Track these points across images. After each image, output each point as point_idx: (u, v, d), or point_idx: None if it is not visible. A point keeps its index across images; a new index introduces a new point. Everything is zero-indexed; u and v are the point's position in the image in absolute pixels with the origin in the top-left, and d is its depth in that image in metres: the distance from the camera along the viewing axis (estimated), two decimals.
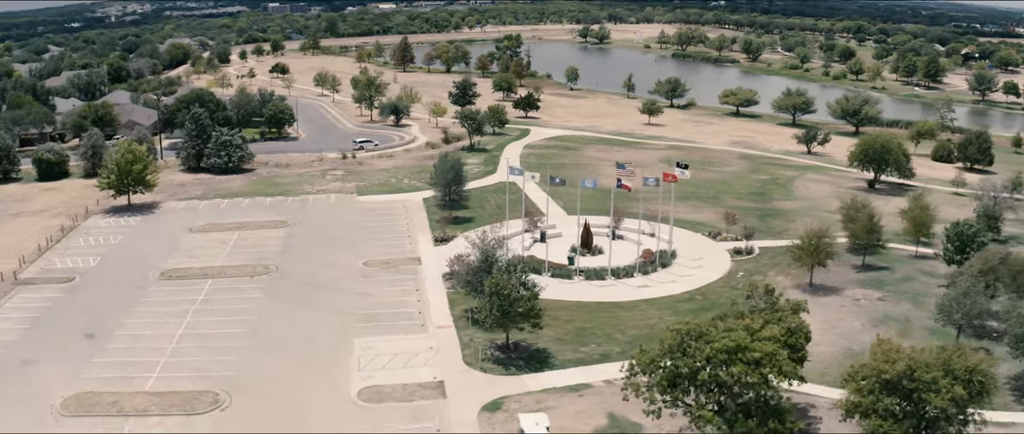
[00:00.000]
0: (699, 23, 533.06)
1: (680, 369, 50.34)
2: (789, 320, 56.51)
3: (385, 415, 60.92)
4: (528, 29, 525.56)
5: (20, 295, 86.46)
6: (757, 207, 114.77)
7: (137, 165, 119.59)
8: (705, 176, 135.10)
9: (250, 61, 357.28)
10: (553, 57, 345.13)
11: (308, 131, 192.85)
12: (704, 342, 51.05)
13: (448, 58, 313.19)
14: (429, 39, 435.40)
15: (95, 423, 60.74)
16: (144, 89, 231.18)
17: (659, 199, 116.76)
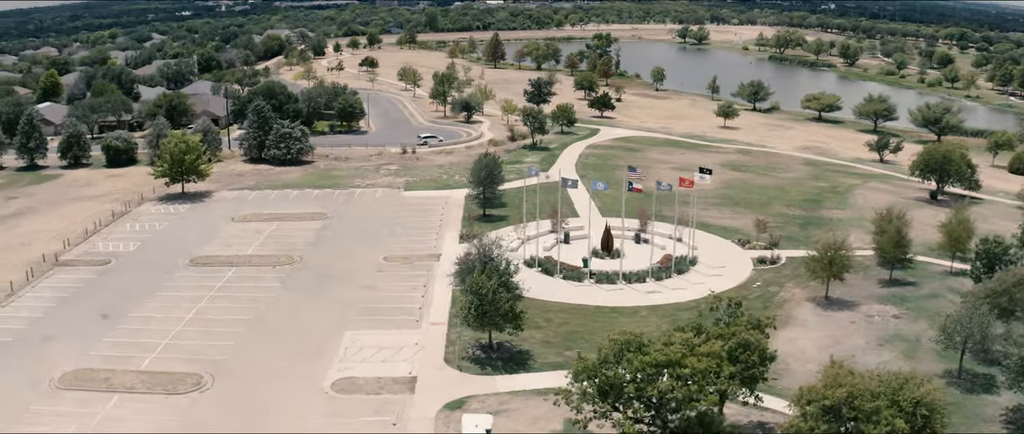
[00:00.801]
0: (802, 26, 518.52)
1: (612, 380, 50.76)
2: (745, 336, 55.73)
3: (350, 406, 63.82)
4: (629, 28, 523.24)
5: (57, 275, 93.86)
6: (804, 215, 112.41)
7: (190, 155, 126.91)
8: (762, 181, 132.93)
9: (344, 54, 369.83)
10: (647, 57, 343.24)
11: (380, 125, 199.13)
12: (638, 354, 51.39)
13: (538, 55, 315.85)
14: (527, 36, 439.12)
15: (83, 397, 65.99)
16: (228, 80, 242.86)
17: (697, 203, 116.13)
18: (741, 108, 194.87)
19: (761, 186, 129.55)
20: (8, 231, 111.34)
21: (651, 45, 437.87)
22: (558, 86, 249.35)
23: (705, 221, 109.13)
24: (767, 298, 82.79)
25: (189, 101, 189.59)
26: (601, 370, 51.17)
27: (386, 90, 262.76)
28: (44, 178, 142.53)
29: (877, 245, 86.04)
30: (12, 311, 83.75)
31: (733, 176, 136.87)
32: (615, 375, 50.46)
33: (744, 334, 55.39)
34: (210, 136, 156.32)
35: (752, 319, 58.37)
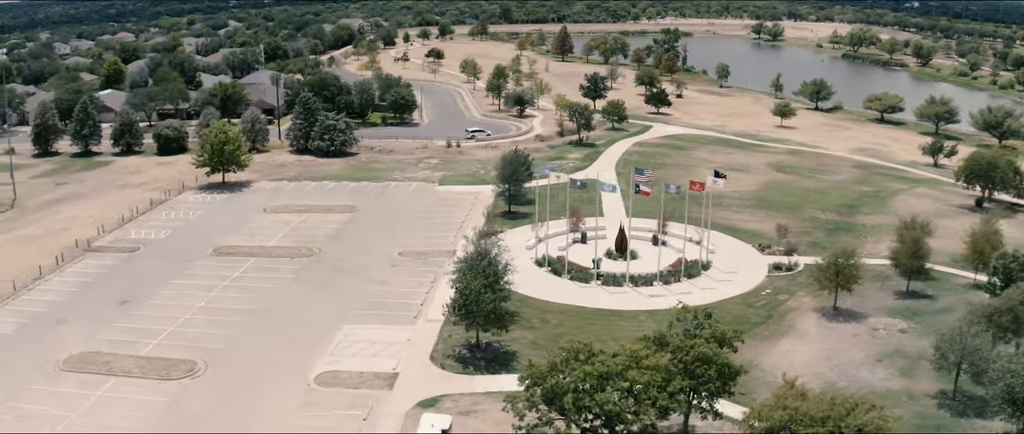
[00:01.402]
0: (879, 24, 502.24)
1: (556, 388, 51.45)
2: (704, 350, 55.51)
3: (327, 399, 66.26)
4: (704, 23, 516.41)
5: (85, 261, 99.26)
6: (837, 221, 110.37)
7: (229, 146, 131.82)
8: (804, 184, 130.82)
9: (414, 44, 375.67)
10: (718, 52, 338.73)
11: (433, 117, 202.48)
12: (582, 364, 51.99)
13: (606, 49, 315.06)
14: (601, 29, 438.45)
15: (82, 379, 70.21)
16: (291, 70, 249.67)
17: (729, 204, 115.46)
18: (802, 107, 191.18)
19: (802, 188, 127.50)
20: (50, 216, 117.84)
21: (725, 41, 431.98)
22: (621, 80, 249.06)
23: (732, 224, 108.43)
24: (773, 306, 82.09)
25: (245, 91, 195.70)
26: (548, 377, 51.94)
27: (448, 82, 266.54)
28: (95, 164, 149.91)
29: (893, 254, 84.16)
30: (37, 294, 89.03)
31: (775, 178, 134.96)
32: (558, 384, 51.18)
33: (702, 348, 55.16)
34: (257, 126, 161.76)
35: (716, 332, 58.07)
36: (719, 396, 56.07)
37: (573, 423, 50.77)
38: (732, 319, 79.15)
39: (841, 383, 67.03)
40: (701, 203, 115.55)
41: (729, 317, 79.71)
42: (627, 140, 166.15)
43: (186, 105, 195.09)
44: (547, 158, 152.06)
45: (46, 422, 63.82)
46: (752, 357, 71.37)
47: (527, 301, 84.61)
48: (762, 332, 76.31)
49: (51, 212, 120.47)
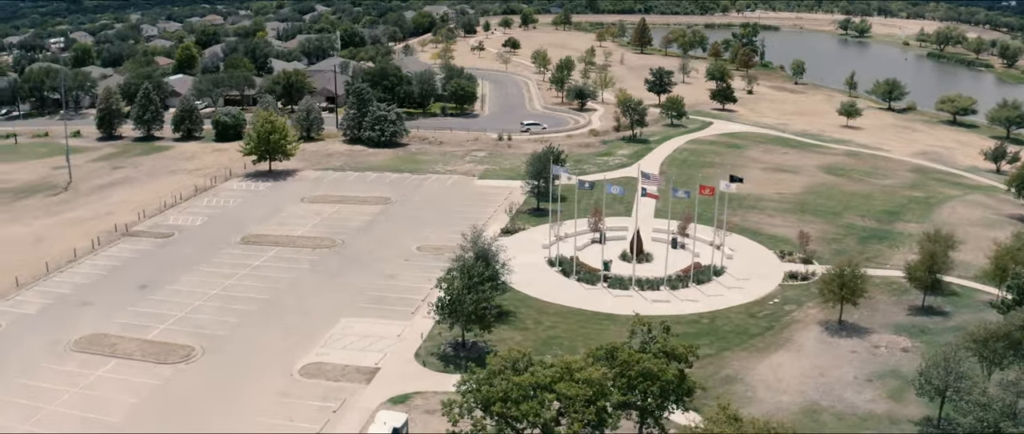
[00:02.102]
0: (969, 22, 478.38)
1: (488, 396, 52.48)
2: (648, 365, 55.40)
3: (304, 390, 69.02)
4: (792, 16, 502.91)
5: (119, 245, 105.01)
6: (875, 228, 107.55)
7: (274, 135, 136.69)
8: (851, 187, 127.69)
9: (495, 33, 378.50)
10: (801, 47, 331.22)
11: (495, 109, 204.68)
12: (520, 373, 52.85)
13: (684, 42, 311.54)
14: (686, 21, 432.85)
15: (86, 359, 74.98)
16: (363, 57, 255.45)
17: (766, 208, 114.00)
18: (875, 107, 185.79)
19: (847, 192, 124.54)
20: (99, 200, 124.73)
21: (811, 35, 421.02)
22: (694, 74, 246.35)
23: (762, 228, 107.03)
24: (776, 317, 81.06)
25: (309, 78, 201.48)
26: (483, 384, 53.05)
27: (519, 73, 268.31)
28: (154, 149, 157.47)
29: (908, 267, 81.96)
30: (67, 276, 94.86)
31: (824, 180, 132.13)
32: (490, 392, 52.21)
33: (647, 363, 55.13)
34: (312, 115, 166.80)
35: (666, 347, 57.88)
36: (660, 412, 55.85)
37: (503, 432, 51.74)
38: (731, 328, 78.87)
39: (823, 402, 66.16)
40: (732, 206, 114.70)
41: (728, 326, 79.38)
42: (682, 137, 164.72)
43: (252, 92, 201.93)
44: (594, 154, 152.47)
45: (45, 396, 68.48)
46: (738, 370, 70.99)
47: (528, 301, 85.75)
48: (756, 344, 75.54)
49: (101, 196, 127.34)
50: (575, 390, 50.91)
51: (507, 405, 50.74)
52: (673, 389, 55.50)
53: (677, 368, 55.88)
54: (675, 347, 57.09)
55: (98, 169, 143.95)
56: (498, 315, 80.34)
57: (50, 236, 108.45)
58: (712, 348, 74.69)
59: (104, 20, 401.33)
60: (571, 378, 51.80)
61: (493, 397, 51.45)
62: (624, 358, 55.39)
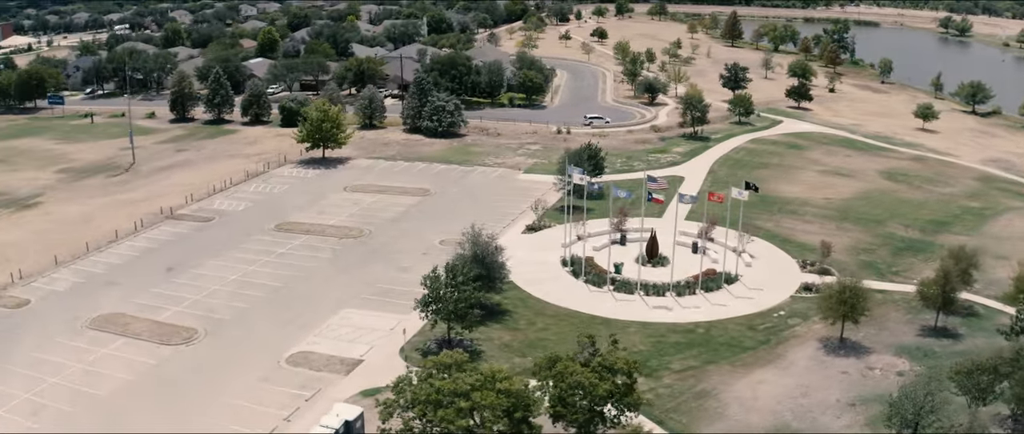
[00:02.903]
0: None
1: (415, 398, 53.56)
2: (579, 378, 55.20)
3: (284, 378, 71.68)
4: (894, 13, 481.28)
5: (160, 228, 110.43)
6: (916, 239, 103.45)
7: (327, 123, 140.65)
8: (907, 195, 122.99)
9: (587, 22, 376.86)
10: (898, 45, 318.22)
11: (565, 100, 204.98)
12: (442, 379, 53.70)
13: (775, 36, 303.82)
14: (786, 14, 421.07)
15: (97, 337, 79.78)
16: (443, 45, 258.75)
17: (804, 214, 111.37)
18: (958, 109, 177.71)
19: (899, 200, 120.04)
20: (155, 183, 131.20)
21: (910, 33, 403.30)
22: (778, 70, 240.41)
23: (793, 235, 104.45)
24: (776, 330, 79.31)
25: (381, 65, 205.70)
26: (412, 386, 54.17)
27: (600, 64, 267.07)
28: (221, 133, 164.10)
29: (920, 284, 78.90)
30: (103, 257, 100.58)
31: (879, 186, 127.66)
32: (414, 394, 53.27)
33: (578, 376, 55.06)
34: (374, 103, 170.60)
35: (606, 361, 57.48)
36: (592, 426, 55.70)
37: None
38: (725, 340, 77.64)
39: (795, 424, 64.64)
40: (771, 209, 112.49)
41: (723, 338, 78.16)
42: (745, 136, 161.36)
43: (326, 77, 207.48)
44: (648, 151, 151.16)
45: (51, 369, 73.37)
46: (716, 384, 70.01)
47: (528, 301, 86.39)
48: (746, 358, 74.19)
49: (159, 178, 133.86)
50: (491, 399, 51.38)
51: (426, 409, 51.76)
52: (615, 402, 55.28)
53: (612, 383, 55.51)
54: (615, 362, 56.73)
55: (162, 151, 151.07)
56: (495, 314, 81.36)
57: (100, 216, 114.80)
58: (698, 360, 73.83)
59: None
60: (492, 387, 52.26)
61: (417, 400, 52.53)
62: (560, 369, 55.52)
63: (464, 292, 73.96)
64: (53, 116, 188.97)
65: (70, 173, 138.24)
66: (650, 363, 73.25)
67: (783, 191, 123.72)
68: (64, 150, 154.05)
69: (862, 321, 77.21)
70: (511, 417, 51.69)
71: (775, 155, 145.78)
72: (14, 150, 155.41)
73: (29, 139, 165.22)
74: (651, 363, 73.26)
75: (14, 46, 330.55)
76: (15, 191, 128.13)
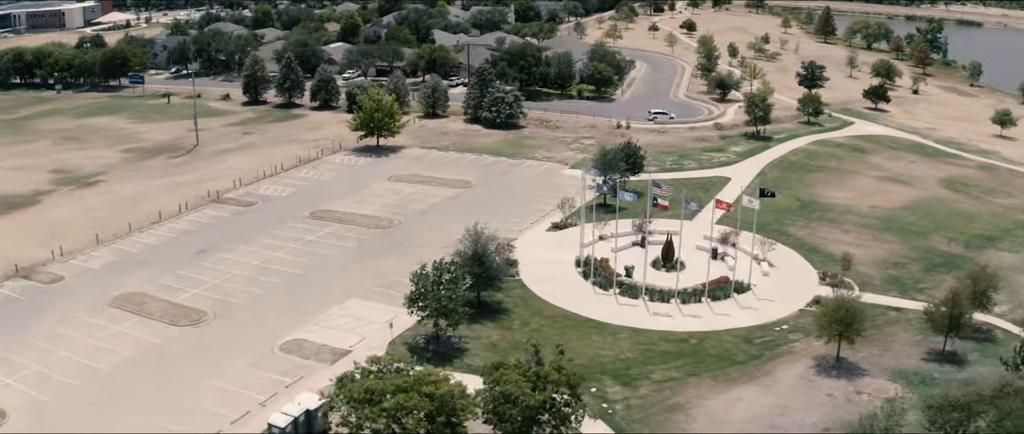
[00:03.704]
0: None
1: (349, 396, 54.63)
2: (510, 388, 54.90)
3: (272, 363, 73.91)
4: (998, 13, 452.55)
5: (203, 211, 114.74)
6: (956, 254, 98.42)
7: (378, 113, 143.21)
8: (962, 206, 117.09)
9: (681, 13, 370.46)
10: (996, 46, 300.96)
11: (637, 94, 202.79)
12: (368, 377, 54.62)
13: (867, 34, 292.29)
14: (887, 11, 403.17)
15: (115, 315, 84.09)
16: (525, 33, 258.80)
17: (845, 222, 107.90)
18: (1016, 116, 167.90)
19: (952, 211, 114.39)
20: (214, 165, 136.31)
21: (1014, 34, 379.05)
22: (864, 68, 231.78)
23: (824, 245, 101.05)
24: (773, 345, 77.11)
25: (452, 54, 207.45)
26: (353, 382, 55.27)
27: (683, 57, 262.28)
28: (289, 116, 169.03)
29: (927, 307, 75.39)
30: (143, 237, 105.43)
31: (935, 194, 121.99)
32: (350, 392, 54.35)
33: (508, 386, 54.96)
34: (437, 92, 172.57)
35: (541, 372, 57.02)
36: None
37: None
38: (717, 352, 76.05)
39: None
40: (810, 216, 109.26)
41: (715, 350, 76.54)
42: (810, 137, 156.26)
43: (400, 64, 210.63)
44: (704, 149, 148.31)
45: (65, 343, 77.86)
46: (690, 399, 68.74)
47: (529, 300, 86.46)
48: (731, 372, 72.49)
49: (217, 161, 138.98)
50: (414, 401, 52.00)
51: (356, 406, 52.85)
52: (552, 412, 55.08)
53: (545, 394, 55.19)
54: (549, 372, 56.39)
55: (227, 134, 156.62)
56: (492, 311, 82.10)
57: (152, 197, 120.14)
58: (681, 371, 72.59)
59: None
60: (416, 389, 52.86)
61: (352, 396, 53.66)
62: (496, 376, 55.65)
63: (449, 290, 74.52)
64: (133, 95, 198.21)
65: (136, 153, 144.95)
66: (631, 371, 72.53)
67: (829, 197, 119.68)
68: (135, 130, 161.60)
69: (868, 340, 74.51)
70: (433, 420, 52.17)
71: (834, 158, 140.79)
72: (88, 128, 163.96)
73: (105, 117, 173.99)
74: (632, 371, 72.49)
75: (112, 22, 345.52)
76: (79, 169, 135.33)
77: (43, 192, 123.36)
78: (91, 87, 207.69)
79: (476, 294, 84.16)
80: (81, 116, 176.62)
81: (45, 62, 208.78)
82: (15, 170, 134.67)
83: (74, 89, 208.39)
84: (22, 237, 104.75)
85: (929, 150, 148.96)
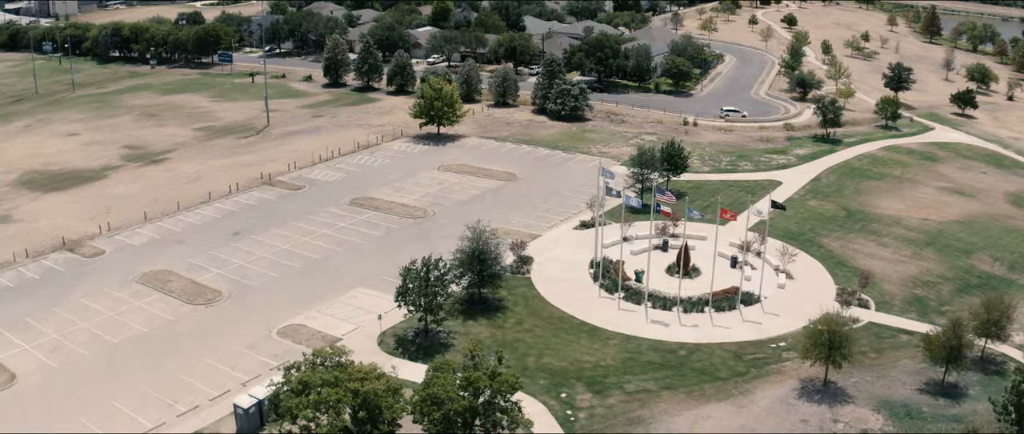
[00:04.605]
0: None
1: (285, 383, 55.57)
2: (436, 390, 54.45)
3: (266, 346, 75.74)
4: None
5: (251, 193, 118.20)
6: (995, 275, 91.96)
7: (437, 102, 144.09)
8: (1018, 223, 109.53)
9: (789, 6, 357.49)
10: None
11: (718, 89, 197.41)
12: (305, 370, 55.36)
13: (973, 35, 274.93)
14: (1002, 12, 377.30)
15: (139, 290, 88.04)
16: (617, 22, 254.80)
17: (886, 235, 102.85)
18: None
19: (1008, 229, 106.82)
20: (277, 147, 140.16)
21: None
22: (962, 71, 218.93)
23: (854, 259, 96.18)
24: (762, 363, 73.96)
25: (531, 42, 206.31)
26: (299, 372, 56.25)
27: (775, 52, 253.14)
28: (364, 100, 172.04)
29: (928, 334, 70.84)
30: (188, 217, 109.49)
31: (997, 210, 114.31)
32: (288, 381, 55.26)
33: (435, 389, 54.63)
34: (508, 82, 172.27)
35: (471, 377, 56.24)
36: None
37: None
38: (702, 367, 73.64)
39: None
40: (850, 226, 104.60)
41: (701, 364, 74.12)
42: (883, 141, 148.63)
43: (483, 50, 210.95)
44: (766, 150, 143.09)
45: (86, 314, 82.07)
46: (656, 413, 66.83)
47: (531, 300, 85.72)
48: (708, 389, 70.02)
49: (282, 143, 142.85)
50: (338, 396, 52.58)
51: (287, 396, 53.91)
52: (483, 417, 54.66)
53: (470, 400, 54.74)
54: (479, 379, 55.73)
55: (299, 116, 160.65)
56: (490, 309, 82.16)
57: (209, 177, 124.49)
58: (657, 384, 70.66)
59: None
60: (341, 385, 53.35)
61: (288, 384, 54.77)
62: (428, 378, 55.58)
63: (435, 287, 74.64)
64: (221, 73, 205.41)
65: (207, 132, 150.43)
66: (607, 380, 71.09)
67: (881, 207, 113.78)
68: (213, 108, 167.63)
69: (867, 364, 71.05)
70: (355, 416, 52.78)
71: (899, 166, 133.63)
72: (170, 105, 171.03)
73: (188, 95, 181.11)
74: (608, 380, 71.04)
75: None
76: (150, 146, 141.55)
77: (111, 168, 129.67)
78: (185, 63, 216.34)
79: (477, 290, 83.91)
80: (166, 92, 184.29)
81: (142, 37, 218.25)
82: (90, 145, 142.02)
83: (168, 65, 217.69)
84: (80, 211, 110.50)
85: (1006, 162, 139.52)
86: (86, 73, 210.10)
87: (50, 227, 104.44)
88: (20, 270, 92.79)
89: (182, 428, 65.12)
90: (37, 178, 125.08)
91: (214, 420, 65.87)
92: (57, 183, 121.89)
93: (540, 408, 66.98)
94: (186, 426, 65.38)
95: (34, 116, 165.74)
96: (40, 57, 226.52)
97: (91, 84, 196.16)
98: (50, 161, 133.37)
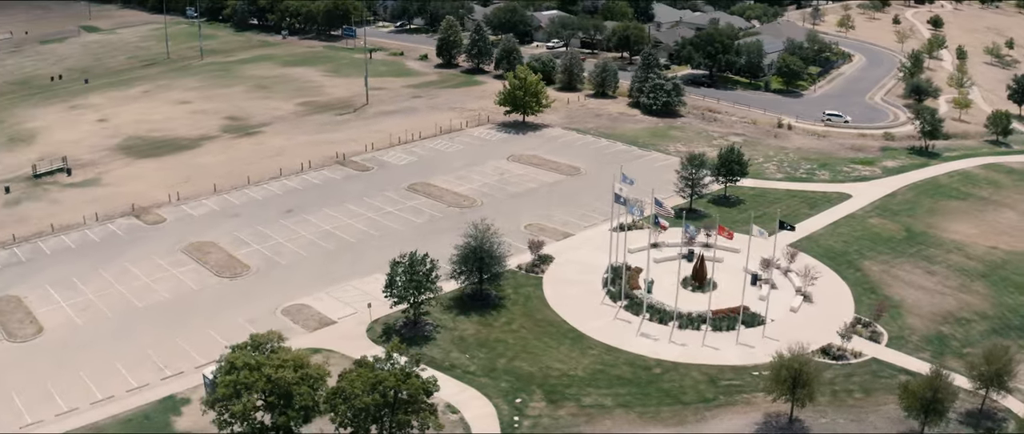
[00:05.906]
0: None
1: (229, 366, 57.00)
2: (344, 383, 54.67)
3: (266, 323, 76.32)
4: None
5: (321, 172, 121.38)
6: None
7: (519, 91, 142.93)
8: None
9: (943, 7, 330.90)
10: None
11: (835, 90, 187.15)
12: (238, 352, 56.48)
13: None
14: None
15: (180, 259, 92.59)
16: (749, 15, 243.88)
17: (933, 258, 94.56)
18: None
19: None
20: (367, 126, 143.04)
21: None
22: None
23: (888, 286, 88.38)
24: (734, 391, 69.12)
25: (645, 32, 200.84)
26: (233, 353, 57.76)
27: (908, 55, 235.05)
28: (469, 83, 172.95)
29: (903, 384, 64.19)
30: (254, 191, 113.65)
31: None
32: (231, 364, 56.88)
33: (344, 384, 54.53)
34: (606, 73, 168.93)
35: (378, 376, 55.40)
36: None
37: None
38: (669, 388, 69.90)
39: None
40: (901, 249, 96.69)
41: (670, 385, 70.30)
42: (983, 158, 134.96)
43: (600, 37, 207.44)
44: (853, 159, 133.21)
45: (125, 279, 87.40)
46: (602, 431, 64.11)
47: (530, 301, 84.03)
48: (664, 413, 66.21)
49: (373, 123, 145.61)
50: (252, 379, 53.73)
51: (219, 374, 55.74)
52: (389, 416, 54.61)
53: (375, 398, 54.69)
54: (386, 378, 55.33)
55: (400, 95, 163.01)
56: (487, 306, 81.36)
57: (291, 152, 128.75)
58: (614, 401, 67.80)
59: None
60: (258, 371, 54.32)
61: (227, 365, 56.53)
62: (343, 371, 56.17)
63: (419, 282, 74.49)
64: (344, 47, 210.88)
65: (308, 107, 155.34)
66: (568, 390, 69.06)
67: (948, 230, 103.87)
68: (323, 83, 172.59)
69: (847, 405, 65.70)
70: (267, 402, 53.75)
71: (991, 186, 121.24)
72: (284, 78, 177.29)
73: (304, 68, 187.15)
74: (568, 391, 68.96)
75: None
76: (250, 118, 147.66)
77: (207, 138, 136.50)
78: (315, 35, 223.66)
79: (478, 288, 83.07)
80: (286, 64, 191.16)
81: (277, 7, 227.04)
82: (197, 114, 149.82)
83: (300, 36, 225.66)
84: (164, 179, 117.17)
85: None
86: (220, 40, 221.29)
87: (130, 193, 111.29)
88: (86, 232, 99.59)
89: (162, 390, 68.34)
90: (137, 144, 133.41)
91: (191, 386, 68.59)
92: (152, 150, 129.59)
93: (489, 410, 65.97)
94: (166, 389, 68.64)
95: (156, 82, 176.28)
96: (182, 20, 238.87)
97: (220, 52, 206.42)
98: (155, 128, 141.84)
